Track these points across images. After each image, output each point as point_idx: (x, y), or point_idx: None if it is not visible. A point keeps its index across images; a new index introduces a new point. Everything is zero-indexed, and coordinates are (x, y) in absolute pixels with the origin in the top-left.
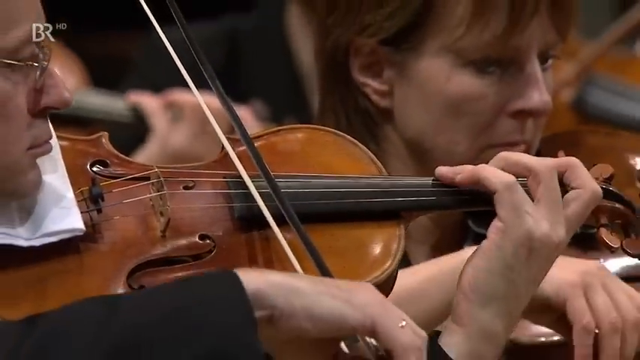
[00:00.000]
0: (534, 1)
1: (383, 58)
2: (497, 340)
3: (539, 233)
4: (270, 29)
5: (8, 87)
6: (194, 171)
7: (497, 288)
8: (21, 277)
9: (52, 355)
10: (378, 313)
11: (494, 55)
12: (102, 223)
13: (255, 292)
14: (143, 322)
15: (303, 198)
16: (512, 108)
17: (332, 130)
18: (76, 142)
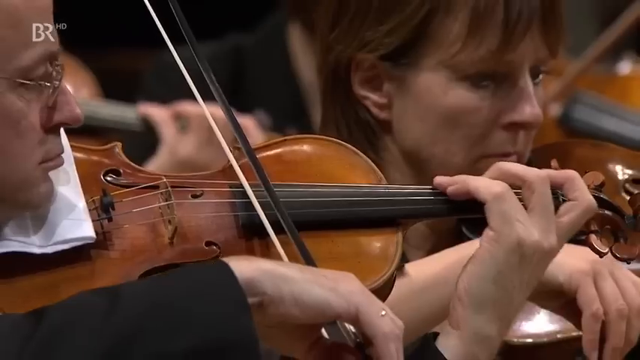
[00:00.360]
0: (527, 20)
1: (382, 73)
2: (490, 343)
3: (529, 241)
4: (272, 46)
5: (22, 105)
6: (201, 181)
7: (490, 293)
8: (35, 283)
9: (60, 345)
10: (361, 302)
11: (488, 70)
12: (112, 231)
13: (247, 279)
14: (143, 313)
15: (304, 206)
16: (505, 120)
17: (335, 140)
18: (90, 152)
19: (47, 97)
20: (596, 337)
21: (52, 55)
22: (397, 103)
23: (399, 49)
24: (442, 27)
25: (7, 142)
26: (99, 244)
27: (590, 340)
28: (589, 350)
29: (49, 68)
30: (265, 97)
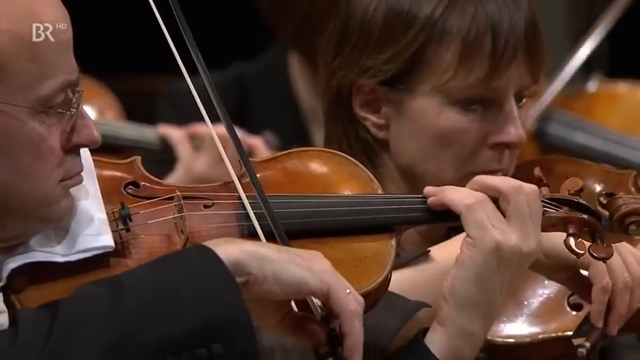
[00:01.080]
0: (512, 50)
1: (381, 97)
2: (474, 339)
3: (507, 245)
4: (273, 74)
5: (43, 130)
6: (212, 193)
7: (472, 294)
8: (59, 288)
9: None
10: (332, 281)
11: (477, 95)
12: (130, 240)
13: (234, 261)
14: (146, 301)
15: (305, 216)
16: (492, 141)
17: (336, 152)
18: (112, 166)
19: (66, 122)
20: (604, 307)
21: (71, 83)
22: (394, 124)
23: (396, 75)
24: (435, 56)
25: (29, 164)
26: (117, 252)
27: (599, 310)
28: (596, 318)
29: (69, 95)
30: (268, 120)
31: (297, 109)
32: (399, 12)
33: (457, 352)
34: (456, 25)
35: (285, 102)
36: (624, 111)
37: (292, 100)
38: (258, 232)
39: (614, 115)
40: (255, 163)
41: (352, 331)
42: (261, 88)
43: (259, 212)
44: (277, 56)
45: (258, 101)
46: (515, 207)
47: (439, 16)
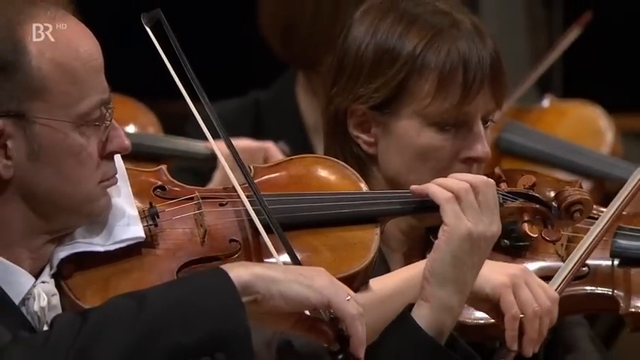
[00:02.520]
0: (480, 81)
1: (371, 119)
2: (453, 312)
3: (477, 232)
4: (283, 98)
5: (82, 140)
6: (226, 193)
7: (449, 273)
8: (99, 274)
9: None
10: (331, 293)
11: (450, 118)
12: (157, 233)
13: (244, 283)
14: (164, 312)
15: (304, 210)
16: (463, 156)
17: (330, 158)
18: (144, 173)
19: (102, 133)
20: (516, 333)
21: (104, 101)
22: (382, 142)
23: (383, 101)
24: (416, 86)
25: (72, 168)
26: (147, 243)
27: (512, 336)
28: (511, 343)
29: (103, 111)
30: (279, 135)
31: (302, 125)
32: (385, 49)
33: (439, 324)
34: (433, 61)
35: (293, 120)
36: (570, 124)
37: (298, 119)
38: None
39: (562, 127)
40: (264, 168)
41: (355, 332)
42: (273, 110)
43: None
44: (286, 85)
45: (271, 120)
46: (483, 198)
47: (419, 53)
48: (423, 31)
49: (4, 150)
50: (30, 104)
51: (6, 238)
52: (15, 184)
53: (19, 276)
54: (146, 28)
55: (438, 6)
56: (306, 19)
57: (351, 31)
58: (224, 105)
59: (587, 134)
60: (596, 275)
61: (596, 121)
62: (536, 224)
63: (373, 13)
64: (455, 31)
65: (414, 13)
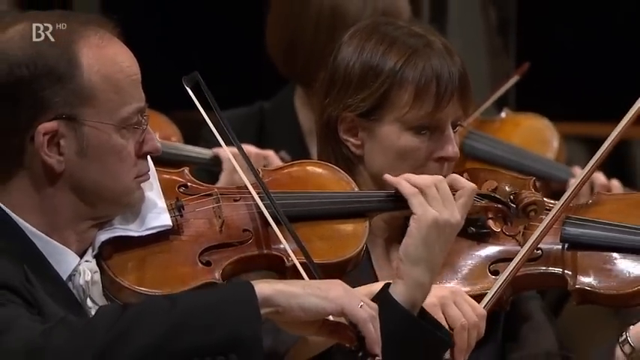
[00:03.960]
0: (450, 93)
1: (358, 125)
2: (424, 288)
3: (442, 219)
4: (283, 107)
5: (123, 141)
6: (239, 191)
7: (420, 255)
8: (134, 255)
9: (136, 325)
10: (344, 302)
11: (425, 124)
12: (182, 223)
13: (266, 296)
14: (193, 312)
15: (304, 205)
16: (436, 156)
17: (325, 163)
18: (170, 173)
19: (139, 136)
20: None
21: (141, 108)
22: (367, 144)
23: (369, 110)
24: (396, 97)
25: (113, 164)
26: (174, 231)
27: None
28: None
29: (140, 118)
30: (279, 139)
31: (299, 130)
32: (370, 66)
33: (413, 299)
34: (411, 75)
35: (291, 126)
36: (523, 133)
37: (296, 125)
38: (267, 216)
39: (516, 135)
40: (270, 170)
41: (368, 333)
42: (274, 117)
43: (268, 204)
44: (286, 96)
45: (273, 126)
46: (443, 192)
47: (399, 69)
48: (401, 51)
49: (58, 147)
50: (80, 109)
51: (56, 223)
52: (65, 177)
53: (67, 255)
54: (187, 88)
55: (414, 29)
56: (306, 39)
57: (340, 51)
58: (233, 112)
59: (537, 142)
60: (548, 257)
61: (544, 131)
62: (499, 221)
63: (359, 36)
64: (429, 50)
65: (394, 36)
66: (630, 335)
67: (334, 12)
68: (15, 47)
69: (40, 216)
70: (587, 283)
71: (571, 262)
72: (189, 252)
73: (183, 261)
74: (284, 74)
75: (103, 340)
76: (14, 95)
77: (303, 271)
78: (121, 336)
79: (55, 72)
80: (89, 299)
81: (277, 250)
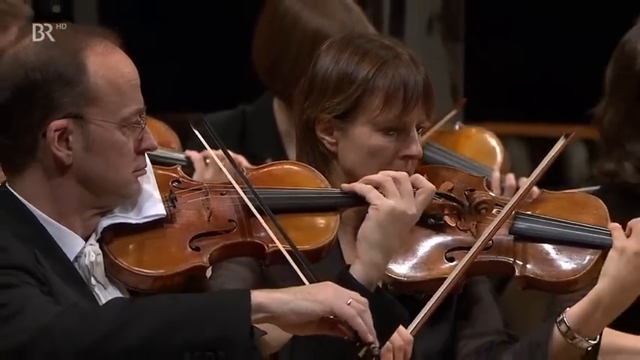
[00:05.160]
0: (416, 99)
1: (334, 126)
2: (379, 268)
3: (399, 209)
4: (264, 110)
5: (124, 138)
6: (224, 186)
7: (376, 238)
8: (132, 239)
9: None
10: (332, 303)
11: (393, 126)
12: (175, 213)
13: (259, 303)
14: (187, 312)
15: (282, 200)
16: (402, 154)
17: (301, 163)
18: (164, 169)
19: (138, 134)
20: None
21: (139, 110)
22: (341, 143)
23: (344, 112)
24: (369, 102)
25: (115, 159)
26: (168, 219)
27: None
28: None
29: (139, 118)
30: (259, 140)
31: (277, 132)
32: (346, 74)
33: (369, 277)
34: (381, 83)
35: (270, 129)
36: (473, 144)
37: (274, 127)
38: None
39: (467, 147)
40: (252, 169)
41: (358, 326)
42: (255, 120)
43: (251, 197)
44: (265, 100)
45: (253, 128)
46: (403, 187)
47: (371, 77)
48: (373, 61)
49: (67, 142)
50: (87, 109)
51: (64, 210)
52: (73, 169)
53: (74, 239)
54: (193, 129)
55: (384, 42)
56: (288, 62)
57: (319, 60)
58: (218, 115)
59: (484, 154)
60: (499, 247)
61: (491, 144)
62: (454, 217)
63: (336, 47)
64: (397, 60)
65: (366, 47)
66: (566, 316)
67: (316, 37)
68: (30, 54)
69: (50, 204)
70: (532, 271)
71: (518, 252)
72: (180, 238)
73: (176, 246)
74: (264, 83)
75: (108, 327)
76: (29, 96)
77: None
78: (122, 325)
79: (65, 76)
80: (93, 278)
81: (258, 238)
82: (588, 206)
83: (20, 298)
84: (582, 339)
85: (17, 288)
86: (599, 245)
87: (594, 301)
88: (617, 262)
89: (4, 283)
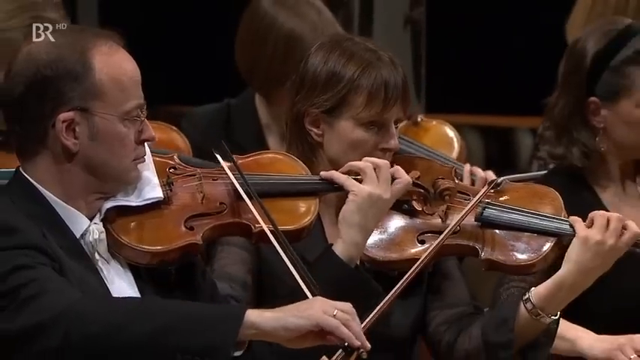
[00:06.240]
0: (395, 98)
1: (321, 119)
2: (359, 247)
3: (375, 194)
4: (247, 104)
5: (125, 130)
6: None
7: (355, 220)
8: (132, 219)
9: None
10: (318, 318)
11: (374, 121)
12: (172, 196)
13: (251, 321)
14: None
15: (267, 185)
16: (381, 147)
17: (285, 153)
18: (163, 157)
19: (138, 126)
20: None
21: (140, 105)
22: (327, 135)
23: (330, 108)
24: (353, 99)
25: (117, 148)
26: (165, 202)
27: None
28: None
29: (139, 112)
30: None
31: (259, 124)
32: (333, 73)
33: (349, 254)
34: (365, 82)
35: (252, 120)
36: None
37: (256, 119)
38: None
39: (428, 138)
40: (241, 158)
41: (343, 335)
42: (239, 112)
43: (241, 182)
44: (249, 94)
45: (237, 120)
46: (381, 174)
47: (356, 77)
48: (358, 62)
49: (74, 132)
50: (92, 102)
51: (71, 193)
52: (79, 156)
53: (80, 218)
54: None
55: (368, 45)
56: (265, 59)
57: (309, 60)
58: (205, 107)
59: (443, 143)
60: (465, 232)
61: (449, 135)
62: (421, 202)
63: (325, 48)
64: (379, 63)
65: (352, 50)
66: (532, 295)
67: (289, 38)
68: (42, 52)
69: (59, 187)
70: (495, 255)
71: (483, 237)
72: (176, 219)
73: (172, 225)
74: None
75: (117, 319)
76: (40, 91)
77: (269, 233)
78: (131, 320)
79: (73, 73)
80: (97, 253)
81: (246, 219)
82: (546, 197)
83: (39, 280)
84: (545, 316)
85: (34, 269)
86: (556, 233)
87: (558, 283)
88: (579, 250)
89: (21, 264)
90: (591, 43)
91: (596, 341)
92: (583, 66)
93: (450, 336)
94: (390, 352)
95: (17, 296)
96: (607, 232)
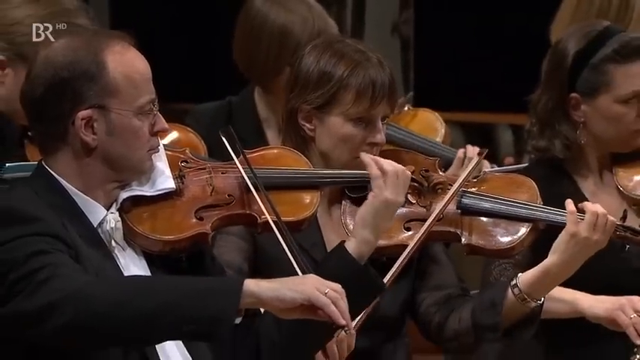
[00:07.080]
0: (382, 96)
1: (313, 115)
2: (370, 245)
3: (391, 199)
4: (246, 100)
5: (139, 123)
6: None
7: (369, 220)
8: (147, 209)
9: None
10: (310, 293)
11: (362, 117)
12: (183, 187)
13: (250, 290)
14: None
15: (273, 178)
16: (368, 141)
17: (289, 148)
18: (175, 151)
19: (151, 119)
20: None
21: (152, 100)
22: (318, 129)
23: (322, 105)
24: (343, 97)
25: (132, 141)
26: (177, 193)
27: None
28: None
29: (151, 106)
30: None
31: (258, 119)
32: (325, 72)
33: (361, 252)
34: (354, 81)
35: (251, 116)
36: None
37: (255, 114)
38: (249, 185)
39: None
40: (248, 152)
41: (330, 313)
42: (239, 108)
43: (251, 175)
44: (248, 91)
45: (237, 115)
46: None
47: (345, 76)
48: (348, 63)
49: (92, 129)
50: (108, 100)
51: (90, 184)
52: (98, 151)
53: (97, 208)
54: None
55: (357, 46)
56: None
57: (303, 59)
58: (208, 105)
59: (429, 129)
60: (448, 220)
61: (434, 121)
62: (414, 195)
63: (317, 49)
64: (368, 63)
65: (343, 51)
66: (519, 281)
67: (282, 33)
68: (59, 55)
69: (78, 179)
70: (475, 240)
71: (464, 224)
72: (187, 209)
73: (183, 215)
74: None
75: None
76: (59, 91)
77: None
78: (136, 296)
79: (89, 73)
80: (113, 241)
81: (252, 210)
82: (523, 186)
83: (53, 265)
84: (531, 300)
85: (51, 254)
86: (531, 219)
87: (544, 271)
88: (566, 243)
89: (40, 250)
90: (572, 43)
91: (596, 301)
92: (565, 64)
93: (440, 317)
94: (381, 331)
95: (33, 279)
96: (595, 228)
